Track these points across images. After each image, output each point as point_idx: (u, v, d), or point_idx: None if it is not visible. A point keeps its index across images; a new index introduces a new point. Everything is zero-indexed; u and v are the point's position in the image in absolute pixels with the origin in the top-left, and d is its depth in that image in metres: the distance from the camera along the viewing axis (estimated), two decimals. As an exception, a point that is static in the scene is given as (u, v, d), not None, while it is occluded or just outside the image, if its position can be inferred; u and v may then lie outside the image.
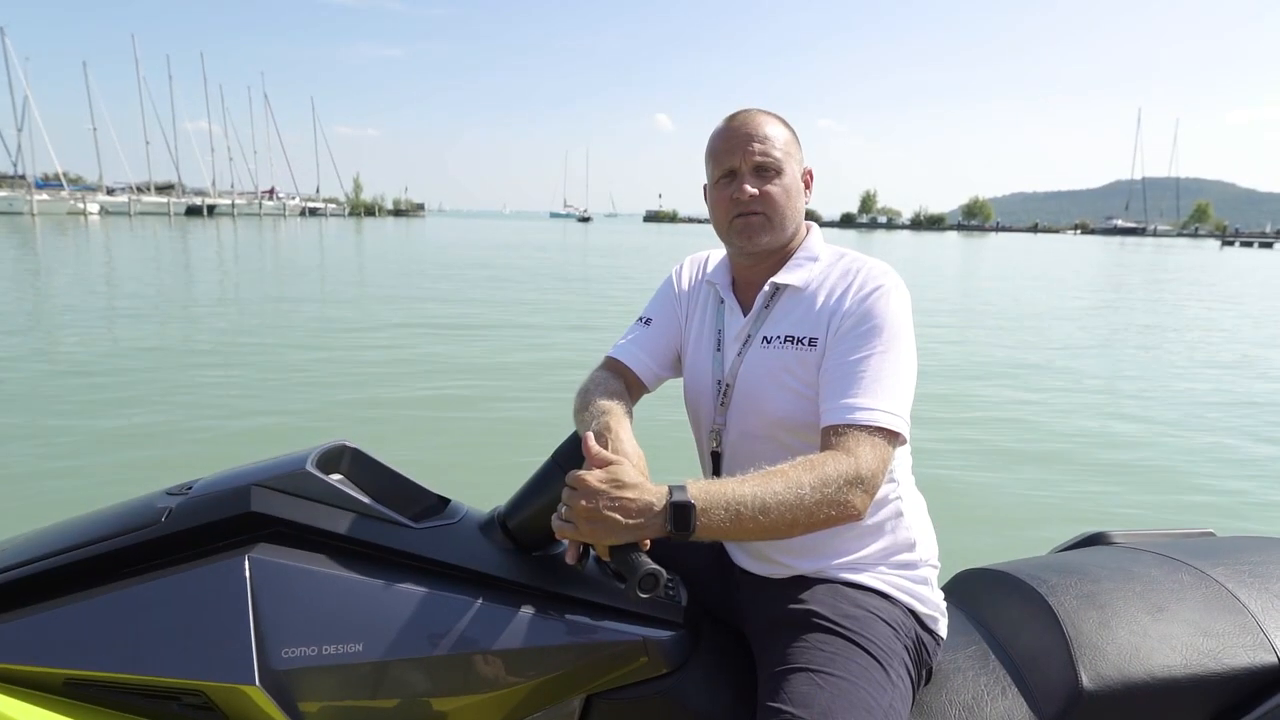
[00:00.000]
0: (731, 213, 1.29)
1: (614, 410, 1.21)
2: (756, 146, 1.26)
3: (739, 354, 1.30)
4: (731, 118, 1.32)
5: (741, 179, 1.27)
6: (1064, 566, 1.40)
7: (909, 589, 1.25)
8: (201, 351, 8.38)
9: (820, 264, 1.31)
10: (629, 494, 1.03)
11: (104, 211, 67.94)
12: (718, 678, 1.19)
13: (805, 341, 1.24)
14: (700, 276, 1.44)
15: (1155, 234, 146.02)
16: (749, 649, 1.26)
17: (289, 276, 17.78)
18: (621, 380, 1.35)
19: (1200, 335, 12.34)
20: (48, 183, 74.18)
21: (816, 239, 1.35)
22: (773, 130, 1.28)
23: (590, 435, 1.12)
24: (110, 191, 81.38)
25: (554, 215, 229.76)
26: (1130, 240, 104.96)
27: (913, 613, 1.24)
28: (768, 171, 1.27)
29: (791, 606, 1.21)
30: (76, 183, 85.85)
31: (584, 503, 1.03)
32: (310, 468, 1.10)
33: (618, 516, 1.02)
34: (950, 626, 1.32)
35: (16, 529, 1.25)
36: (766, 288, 1.31)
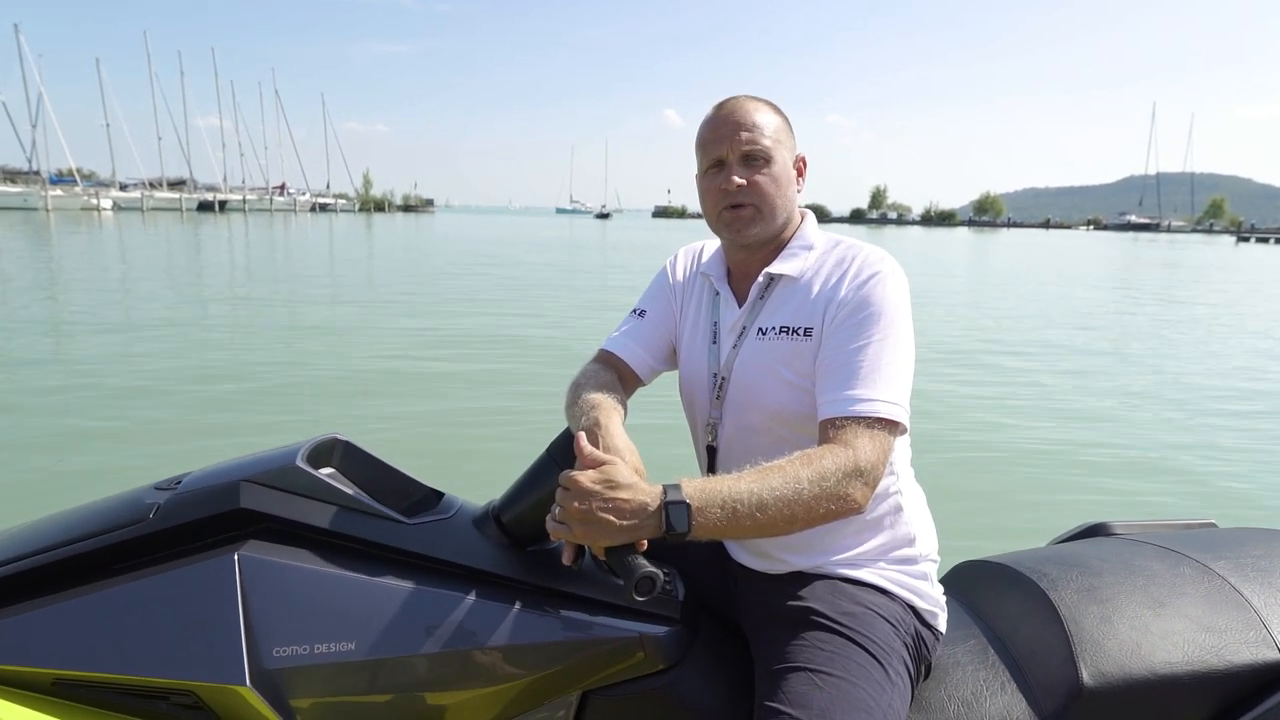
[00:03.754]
0: (720, 204, 1.26)
1: (606, 405, 1.19)
2: (744, 135, 1.23)
3: (734, 346, 1.28)
4: (720, 106, 1.29)
5: (729, 169, 1.25)
6: (1064, 559, 1.38)
7: (908, 584, 1.24)
8: (206, 344, 8.43)
9: (815, 252, 1.28)
10: (623, 494, 1.01)
11: (117, 207, 68.56)
12: (715, 674, 1.18)
13: (801, 332, 1.22)
14: (694, 268, 1.43)
15: (1169, 230, 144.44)
16: (746, 643, 1.25)
17: (300, 273, 17.85)
18: (614, 373, 1.34)
19: (1204, 326, 12.27)
20: (62, 178, 75.09)
21: (811, 227, 1.33)
22: (762, 117, 1.26)
23: (582, 434, 1.10)
24: (123, 187, 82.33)
25: (560, 211, 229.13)
26: (1144, 236, 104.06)
27: (912, 608, 1.22)
28: (756, 160, 1.24)
29: (790, 603, 1.20)
30: (90, 179, 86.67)
31: (577, 504, 1.01)
32: (301, 462, 1.09)
33: (612, 518, 1.00)
34: (949, 620, 1.30)
35: (6, 522, 1.25)
36: (761, 278, 1.29)
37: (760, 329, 1.26)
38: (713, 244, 1.43)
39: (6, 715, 0.90)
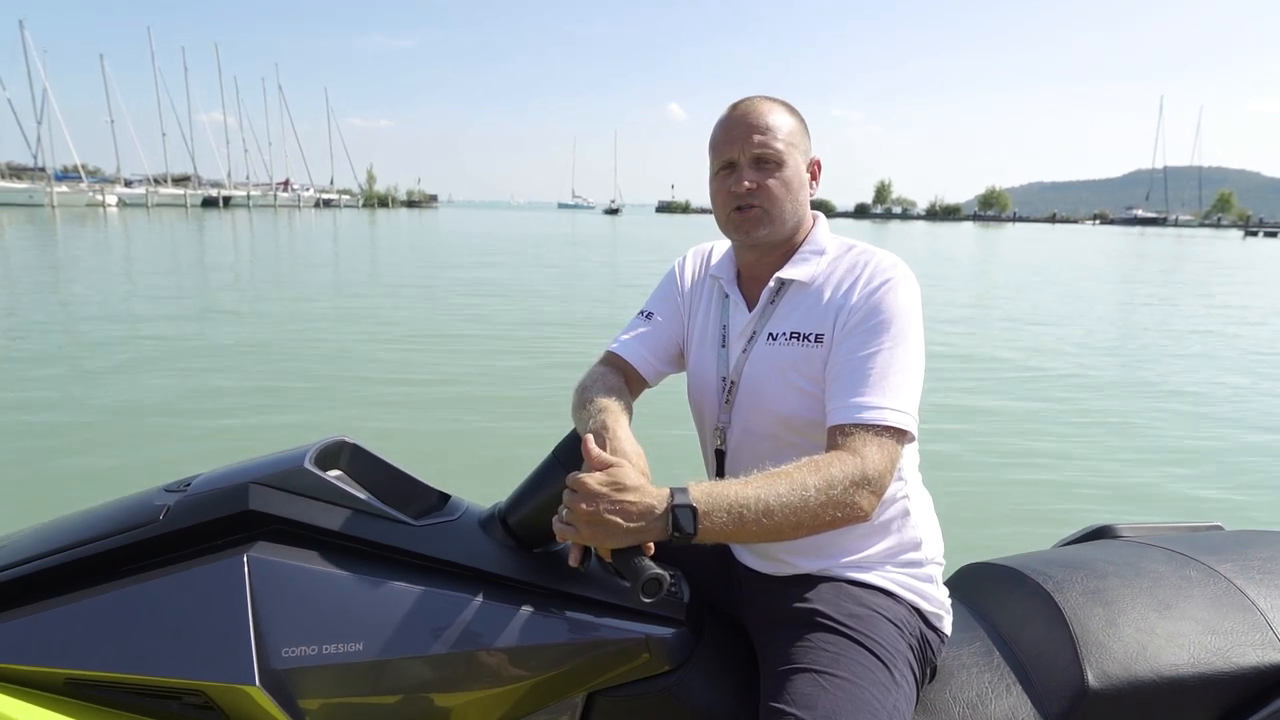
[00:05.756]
0: (729, 205, 1.26)
1: (612, 408, 1.18)
2: (757, 138, 1.23)
3: (744, 351, 1.28)
4: (734, 106, 1.28)
5: (740, 171, 1.24)
6: (1070, 561, 1.38)
7: (914, 587, 1.24)
8: (209, 344, 8.45)
9: (827, 257, 1.28)
10: (630, 497, 1.01)
11: (122, 203, 68.79)
12: (720, 675, 1.18)
13: (811, 338, 1.22)
14: (704, 270, 1.42)
15: (1176, 224, 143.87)
16: (751, 645, 1.25)
17: (305, 271, 17.88)
18: (621, 376, 1.33)
19: (1211, 325, 12.19)
20: (67, 175, 75.36)
21: (823, 231, 1.32)
22: (776, 119, 1.25)
23: (589, 436, 1.10)
24: (128, 183, 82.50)
25: (562, 206, 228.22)
26: (1150, 230, 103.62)
27: (917, 610, 1.23)
28: (768, 164, 1.24)
29: (795, 605, 1.20)
30: (95, 175, 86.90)
31: (584, 506, 1.01)
32: (309, 465, 1.10)
33: (619, 520, 1.01)
34: (954, 622, 1.30)
35: (18, 523, 1.26)
36: (772, 283, 1.28)
37: (771, 334, 1.26)
38: (722, 245, 1.42)
39: (20, 715, 0.91)
